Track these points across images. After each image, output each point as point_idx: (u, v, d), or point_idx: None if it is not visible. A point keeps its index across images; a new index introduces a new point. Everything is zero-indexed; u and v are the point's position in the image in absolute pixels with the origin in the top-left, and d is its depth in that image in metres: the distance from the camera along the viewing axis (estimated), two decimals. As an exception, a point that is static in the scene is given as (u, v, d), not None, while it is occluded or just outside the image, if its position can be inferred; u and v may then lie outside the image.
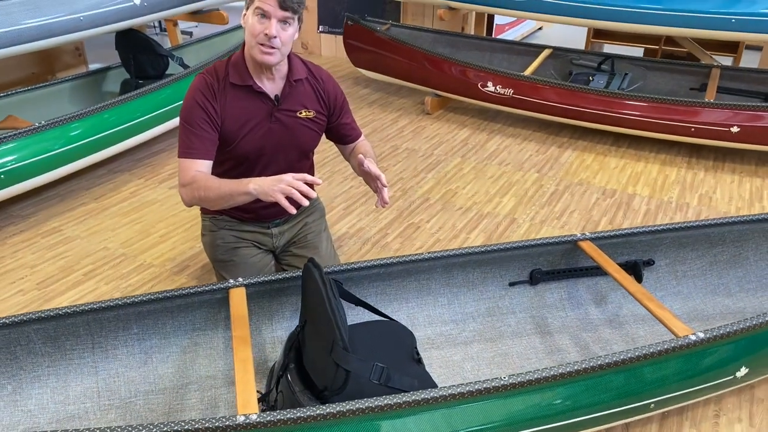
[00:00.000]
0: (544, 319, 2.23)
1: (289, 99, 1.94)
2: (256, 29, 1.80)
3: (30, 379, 1.80)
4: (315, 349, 1.62)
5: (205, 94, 1.88)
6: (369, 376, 1.52)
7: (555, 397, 1.57)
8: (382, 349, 1.70)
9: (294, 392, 1.62)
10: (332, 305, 1.54)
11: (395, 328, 1.83)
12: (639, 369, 1.62)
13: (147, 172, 3.35)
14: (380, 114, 4.23)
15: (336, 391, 1.51)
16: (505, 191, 3.24)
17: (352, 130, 2.15)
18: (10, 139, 2.66)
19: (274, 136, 1.95)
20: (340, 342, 1.49)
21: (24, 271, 2.53)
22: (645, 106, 3.57)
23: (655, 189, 3.28)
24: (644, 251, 2.30)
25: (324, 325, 1.55)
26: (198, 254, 2.62)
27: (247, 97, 1.89)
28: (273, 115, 1.92)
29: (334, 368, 1.50)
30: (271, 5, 1.76)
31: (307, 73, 2.00)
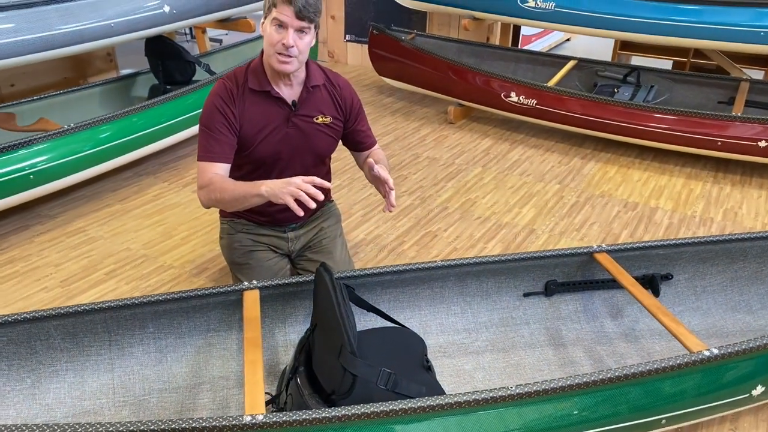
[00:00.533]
0: (558, 331, 2.21)
1: (306, 104, 1.97)
2: (273, 39, 1.84)
3: (48, 373, 1.84)
4: (324, 352, 1.63)
5: (224, 98, 1.92)
6: (376, 381, 1.53)
7: (563, 410, 1.56)
8: (391, 356, 1.71)
9: (303, 395, 1.63)
10: (341, 309, 1.55)
11: (406, 334, 1.84)
12: (650, 383, 1.60)
13: (171, 176, 3.42)
14: (403, 122, 4.25)
15: (343, 395, 1.52)
16: (525, 202, 3.22)
17: (367, 137, 2.17)
18: (40, 140, 2.75)
19: (291, 141, 1.98)
20: (347, 346, 1.50)
21: (49, 269, 2.60)
22: (671, 119, 3.53)
23: (678, 203, 3.23)
24: (662, 265, 2.27)
25: (333, 329, 1.56)
26: (217, 257, 2.67)
27: (265, 103, 1.93)
28: (290, 120, 1.96)
29: (341, 372, 1.51)
30: (288, 16, 1.79)
31: (324, 80, 2.03)
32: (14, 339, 1.77)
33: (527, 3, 4.04)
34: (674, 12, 3.68)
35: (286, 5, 1.79)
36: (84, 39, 2.99)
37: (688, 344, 1.71)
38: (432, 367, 1.79)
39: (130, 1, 3.19)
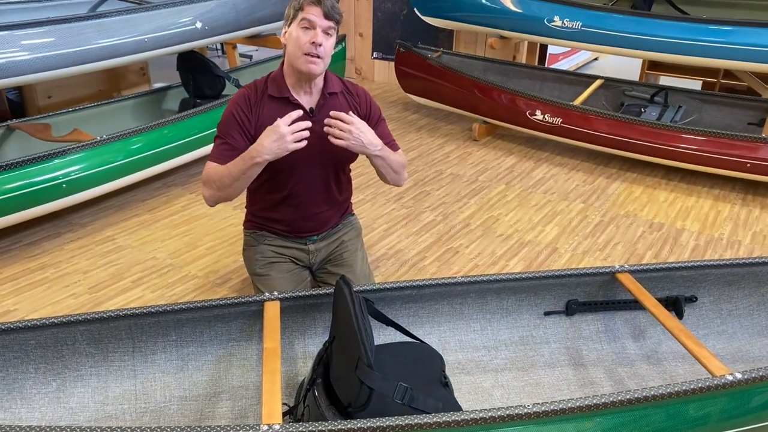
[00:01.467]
0: (578, 351, 2.19)
1: (323, 111, 2.01)
2: (302, 40, 1.89)
3: (73, 378, 1.89)
4: (341, 365, 1.64)
5: (241, 105, 2.00)
6: (392, 395, 1.53)
7: (581, 430, 1.54)
8: (409, 370, 1.71)
9: (320, 407, 1.64)
10: (359, 322, 1.56)
11: (424, 350, 1.84)
12: (671, 406, 1.57)
13: (199, 188, 3.49)
14: (427, 139, 4.28)
15: (359, 408, 1.53)
16: (548, 220, 3.21)
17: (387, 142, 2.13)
18: (74, 150, 2.83)
19: (309, 147, 2.01)
20: (364, 359, 1.50)
21: (78, 276, 2.66)
22: (699, 140, 3.49)
23: (705, 224, 3.19)
24: (687, 287, 2.24)
25: (350, 342, 1.57)
26: (240, 268, 2.71)
27: (283, 109, 1.96)
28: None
29: (358, 385, 1.52)
30: (317, 15, 1.87)
31: (341, 88, 2.08)
32: (42, 343, 1.82)
33: (554, 22, 4.05)
34: (704, 32, 3.66)
35: (315, 6, 1.87)
36: (118, 53, 3.08)
37: (711, 368, 1.68)
38: (450, 384, 1.79)
39: (163, 18, 3.28)
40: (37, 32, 2.82)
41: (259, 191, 2.17)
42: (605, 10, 3.96)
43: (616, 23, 3.86)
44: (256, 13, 3.83)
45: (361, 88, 2.16)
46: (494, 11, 4.29)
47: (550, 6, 4.05)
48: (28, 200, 2.68)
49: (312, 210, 2.17)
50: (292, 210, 2.13)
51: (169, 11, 3.32)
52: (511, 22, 4.26)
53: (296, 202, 2.13)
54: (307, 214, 2.17)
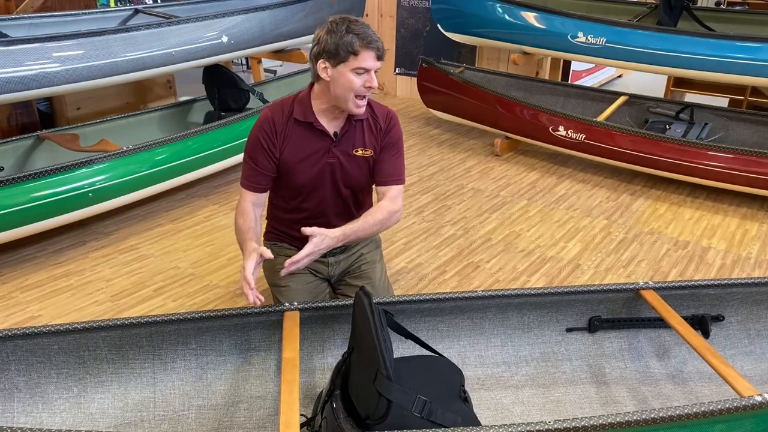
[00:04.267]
0: (601, 369, 2.15)
1: (347, 137, 2.02)
2: (355, 84, 1.90)
3: (94, 384, 1.90)
4: (359, 376, 1.63)
5: (266, 128, 2.01)
6: (411, 408, 1.51)
7: (603, 448, 1.51)
8: (428, 384, 1.69)
9: (338, 419, 1.63)
10: (378, 333, 1.55)
11: (443, 364, 1.82)
12: (696, 427, 1.53)
13: (222, 199, 3.52)
14: (448, 154, 4.27)
15: (378, 421, 1.51)
16: (571, 236, 3.17)
17: (388, 171, 2.09)
18: (100, 160, 2.88)
19: (329, 171, 2.03)
20: (383, 371, 1.49)
21: (101, 283, 2.70)
22: (726, 157, 3.44)
23: (732, 243, 3.13)
24: (713, 305, 2.19)
25: (369, 353, 1.56)
26: (261, 278, 2.71)
27: (308, 134, 2.00)
28: (330, 151, 2.01)
29: (376, 397, 1.50)
30: (372, 60, 1.89)
31: (369, 113, 2.06)
32: (64, 348, 1.84)
33: (578, 38, 4.04)
34: (730, 49, 3.62)
35: (369, 50, 1.87)
36: (146, 66, 3.14)
37: (739, 388, 1.64)
38: (469, 399, 1.77)
39: (190, 32, 3.34)
40: (67, 45, 2.89)
41: (279, 209, 2.20)
42: (630, 27, 3.94)
43: (640, 39, 3.84)
44: (281, 28, 3.89)
45: (388, 112, 2.13)
46: (518, 27, 4.30)
47: (574, 22, 4.05)
48: (55, 208, 2.73)
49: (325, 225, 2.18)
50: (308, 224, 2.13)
51: (196, 26, 3.38)
52: (534, 38, 4.26)
53: (316, 223, 2.13)
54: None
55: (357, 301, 1.74)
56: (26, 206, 2.63)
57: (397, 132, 2.11)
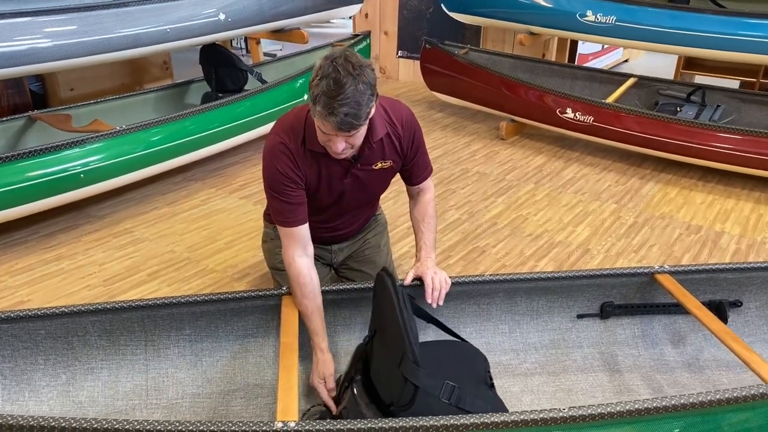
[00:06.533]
0: (613, 357, 2.06)
1: (366, 156, 1.83)
2: (320, 137, 1.66)
3: (84, 370, 1.82)
4: (383, 361, 1.56)
5: (284, 158, 1.75)
6: (439, 394, 1.45)
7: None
8: (453, 370, 1.61)
9: (359, 405, 1.56)
10: (404, 316, 1.48)
11: (467, 349, 1.75)
12: (719, 415, 1.45)
13: (219, 182, 3.42)
14: (453, 137, 4.17)
15: (403, 407, 1.44)
16: (579, 220, 3.08)
17: (421, 171, 1.98)
18: (92, 140, 2.78)
19: (349, 189, 1.89)
20: (410, 355, 1.42)
21: (93, 267, 2.60)
22: (738, 139, 3.33)
23: (746, 228, 3.03)
24: (731, 291, 2.09)
25: (394, 337, 1.49)
26: (259, 263, 2.62)
27: (325, 159, 1.78)
28: (350, 172, 1.84)
29: (402, 383, 1.43)
30: (330, 131, 1.58)
31: (386, 127, 1.82)
32: (52, 333, 1.75)
33: (586, 17, 3.92)
34: (743, 26, 3.50)
35: (325, 121, 1.55)
36: (140, 43, 3.03)
37: (763, 374, 1.55)
38: (494, 385, 1.69)
39: (186, 8, 3.23)
40: (59, 19, 2.78)
41: None
42: (640, 4, 3.82)
43: (651, 17, 3.72)
44: (280, 6, 3.76)
45: (404, 113, 1.87)
46: (524, 6, 4.18)
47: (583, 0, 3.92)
48: (45, 189, 2.64)
49: (341, 229, 2.09)
50: (321, 230, 2.01)
51: (192, 2, 3.26)
52: (541, 17, 4.14)
53: (328, 226, 2.04)
54: (336, 233, 2.09)
55: (379, 284, 1.66)
56: (15, 186, 2.53)
57: (419, 134, 1.92)
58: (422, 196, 2.03)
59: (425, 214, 1.99)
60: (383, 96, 1.83)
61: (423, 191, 2.03)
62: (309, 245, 1.81)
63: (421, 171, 1.99)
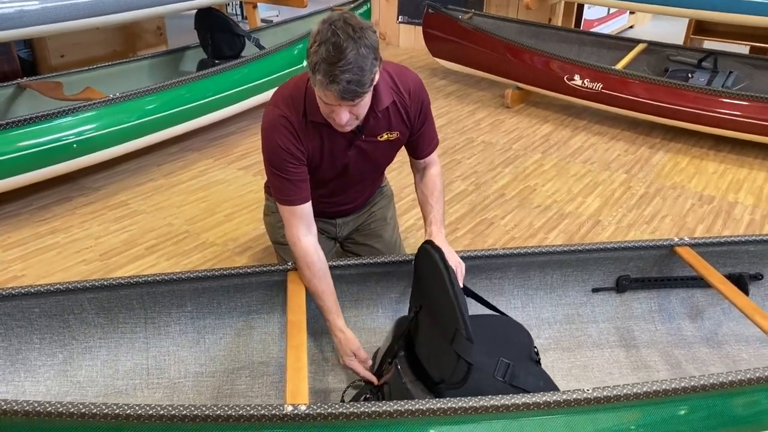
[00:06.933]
0: (629, 331, 1.99)
1: (371, 127, 1.72)
2: (323, 109, 1.55)
3: (81, 349, 1.74)
4: (431, 337, 1.50)
5: (286, 135, 1.64)
6: (494, 371, 1.41)
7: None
8: (499, 345, 1.55)
9: (404, 382, 1.51)
10: (455, 291, 1.42)
11: (511, 324, 1.69)
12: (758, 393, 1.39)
13: (217, 152, 3.32)
14: (456, 105, 4.05)
15: (454, 385, 1.39)
16: (589, 191, 2.99)
17: (427, 144, 1.87)
18: (85, 109, 2.67)
19: (354, 162, 1.78)
20: (463, 332, 1.37)
21: (89, 241, 2.52)
22: (751, 106, 3.23)
23: (760, 198, 2.95)
24: (751, 263, 2.02)
25: (444, 313, 1.44)
26: (261, 236, 2.54)
27: (328, 130, 1.67)
28: (354, 144, 1.74)
29: (454, 360, 1.38)
30: (334, 99, 1.46)
31: (392, 95, 1.70)
32: (46, 311, 1.68)
33: (596, -21, 3.77)
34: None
35: (326, 90, 1.44)
36: (133, 6, 2.90)
37: (793, 353, 1.49)
38: (540, 361, 1.63)
39: (180, -31, 3.08)
40: (46, -19, 2.64)
41: None
42: (653, -34, 3.68)
43: (664, -21, 3.58)
44: (277, -32, 3.61)
45: (411, 80, 1.75)
46: (531, -32, 4.02)
47: (593, -38, 3.77)
48: (37, 160, 2.53)
49: (346, 203, 2.00)
50: (325, 204, 1.93)
51: (186, -38, 3.11)
52: (549, -20, 3.99)
53: (331, 200, 1.95)
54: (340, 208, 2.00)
55: (424, 257, 1.60)
56: (5, 157, 2.43)
57: (427, 103, 1.80)
58: (429, 170, 1.92)
59: (434, 188, 1.89)
60: (388, 61, 1.72)
61: (429, 165, 1.92)
62: (313, 223, 1.73)
63: (428, 143, 1.88)
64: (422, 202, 1.89)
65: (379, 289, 1.92)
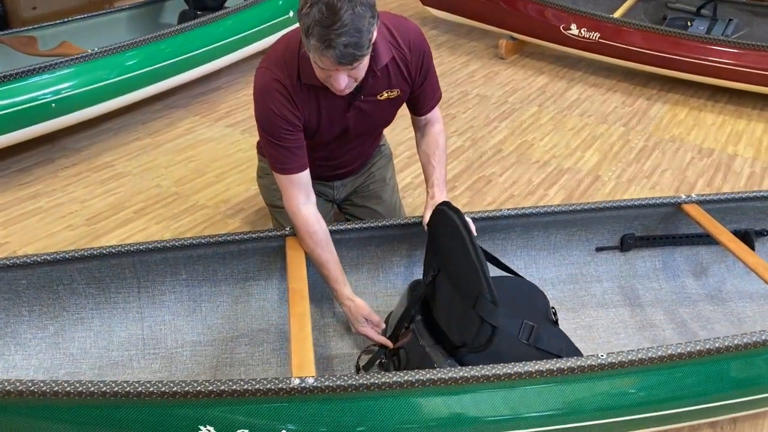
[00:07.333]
0: (634, 291, 1.97)
1: (370, 86, 1.61)
2: (320, 76, 1.45)
3: (73, 321, 1.68)
4: (451, 301, 1.47)
5: (280, 100, 1.54)
6: (518, 334, 1.38)
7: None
8: (518, 307, 1.52)
9: (422, 346, 1.48)
10: (478, 255, 1.40)
11: (525, 285, 1.66)
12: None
13: (203, 109, 3.19)
14: (449, 57, 3.92)
15: (478, 349, 1.37)
16: (587, 145, 2.93)
17: (429, 99, 1.78)
18: (62, 65, 2.52)
19: (353, 123, 1.69)
20: (487, 295, 1.35)
21: (74, 205, 2.42)
22: (750, 55, 3.15)
23: (759, 150, 2.91)
24: (757, 219, 1.99)
25: (466, 276, 1.41)
26: (253, 197, 2.46)
27: (325, 93, 1.57)
28: (352, 105, 1.64)
29: (477, 323, 1.36)
30: (329, 66, 1.37)
31: (392, 52, 1.60)
32: (34, 283, 1.60)
33: None
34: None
35: (322, 56, 1.34)
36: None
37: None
38: (558, 321, 1.61)
39: None
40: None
41: None
42: None
43: None
44: None
45: (412, 33, 1.64)
46: None
47: None
48: (14, 120, 2.40)
49: (343, 166, 1.91)
50: (322, 167, 1.83)
51: None
52: None
53: (328, 164, 1.85)
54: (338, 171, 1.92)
55: (442, 218, 1.56)
56: (-21, 119, 2.30)
57: (428, 56, 1.69)
58: (431, 128, 1.84)
59: (437, 147, 1.81)
60: (383, 12, 1.59)
61: (431, 122, 1.84)
62: (311, 191, 1.66)
63: (430, 98, 1.79)
64: (424, 163, 1.82)
65: (380, 253, 1.87)
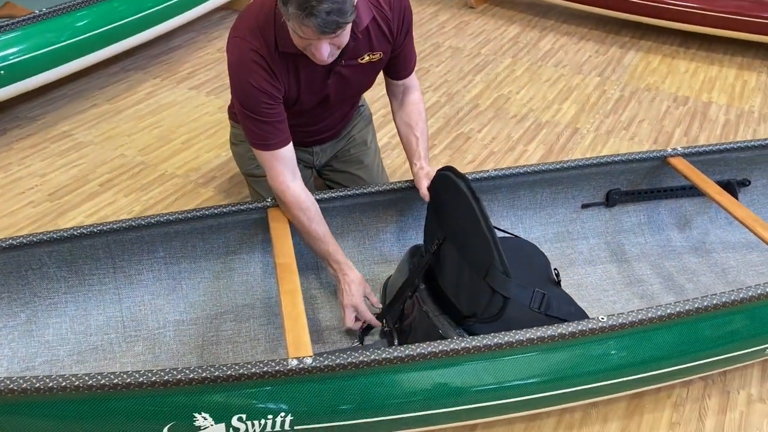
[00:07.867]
0: (620, 246, 1.96)
1: (352, 49, 1.52)
2: (297, 43, 1.37)
3: (46, 306, 1.59)
4: (459, 270, 1.43)
5: (259, 73, 1.45)
6: (529, 303, 1.35)
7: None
8: (520, 269, 1.47)
9: (429, 317, 1.44)
10: (489, 224, 1.35)
11: (527, 245, 1.62)
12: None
13: (164, 71, 3.02)
14: (417, 7, 3.79)
15: (489, 319, 1.34)
16: (564, 97, 2.88)
17: (407, 62, 1.70)
18: (8, 29, 2.33)
19: (334, 90, 1.60)
20: (498, 266, 1.30)
21: (34, 180, 2.28)
22: (726, 1, 3.12)
23: (733, 97, 2.91)
24: (740, 170, 1.99)
25: (475, 245, 1.37)
26: (226, 164, 2.35)
27: (303, 62, 1.48)
28: (333, 71, 1.54)
29: (488, 294, 1.32)
30: (310, 35, 1.30)
31: (372, 11, 1.52)
32: (0, 269, 1.50)
33: None
34: None
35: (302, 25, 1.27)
36: None
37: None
38: (561, 282, 1.60)
39: None
40: None
41: None
42: None
43: None
44: None
45: None
46: None
47: None
48: (-40, 92, 2.23)
49: (323, 132, 1.82)
50: (301, 134, 1.73)
51: None
52: None
53: (308, 130, 1.76)
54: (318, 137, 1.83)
55: (445, 184, 1.50)
56: None
57: (409, 13, 1.61)
58: (409, 96, 1.75)
59: (419, 119, 1.73)
60: None
61: (409, 89, 1.76)
62: (296, 165, 1.58)
63: (408, 61, 1.71)
64: (405, 133, 1.74)
65: (366, 220, 1.81)
